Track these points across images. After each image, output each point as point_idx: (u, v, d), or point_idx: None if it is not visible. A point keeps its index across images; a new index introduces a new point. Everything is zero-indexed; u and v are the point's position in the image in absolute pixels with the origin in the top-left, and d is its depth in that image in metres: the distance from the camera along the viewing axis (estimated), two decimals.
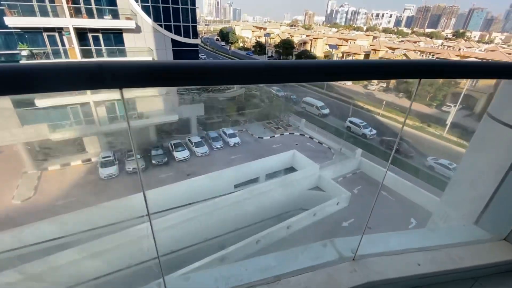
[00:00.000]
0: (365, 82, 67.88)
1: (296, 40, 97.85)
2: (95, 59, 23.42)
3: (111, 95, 25.21)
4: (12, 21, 18.98)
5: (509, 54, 70.26)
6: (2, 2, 18.85)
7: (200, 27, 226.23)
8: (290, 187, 21.75)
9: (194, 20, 26.61)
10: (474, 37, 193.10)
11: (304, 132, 35.78)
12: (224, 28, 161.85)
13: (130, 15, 23.24)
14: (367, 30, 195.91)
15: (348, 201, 21.32)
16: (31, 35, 20.86)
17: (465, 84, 46.19)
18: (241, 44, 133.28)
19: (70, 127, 25.00)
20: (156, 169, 26.05)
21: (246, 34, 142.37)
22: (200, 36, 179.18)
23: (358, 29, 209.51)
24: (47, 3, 20.27)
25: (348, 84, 66.87)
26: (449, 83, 50.73)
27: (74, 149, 27.86)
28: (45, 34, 21.33)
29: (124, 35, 23.84)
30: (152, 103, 27.62)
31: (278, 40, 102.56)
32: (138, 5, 23.38)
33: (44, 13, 20.49)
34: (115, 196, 20.11)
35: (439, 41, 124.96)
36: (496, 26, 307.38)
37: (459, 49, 79.90)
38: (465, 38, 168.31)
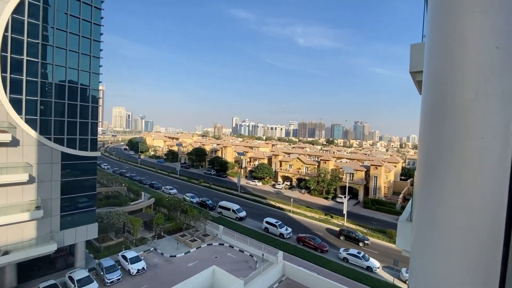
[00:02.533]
0: (273, 182, 75.27)
1: (208, 148, 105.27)
2: None
3: None
4: None
5: (365, 154, 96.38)
6: None
7: (107, 137, 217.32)
8: None
9: (94, 133, 24.91)
10: (340, 143, 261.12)
11: (223, 240, 33.13)
12: (133, 138, 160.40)
13: (7, 127, 19.73)
14: (266, 139, 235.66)
15: None
16: None
17: (346, 178, 57.54)
18: (152, 153, 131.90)
19: None
20: None
21: (158, 144, 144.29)
22: (106, 146, 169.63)
23: (259, 138, 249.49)
24: None
25: (259, 184, 72.16)
26: (335, 178, 62.22)
27: None
28: None
29: None
30: (18, 230, 20.45)
31: (190, 148, 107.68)
32: (22, 117, 20.50)
33: None
34: None
35: (319, 147, 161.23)
36: (350, 135, 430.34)
37: (334, 152, 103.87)
38: (334, 144, 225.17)
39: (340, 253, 31.91)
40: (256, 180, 73.86)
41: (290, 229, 37.53)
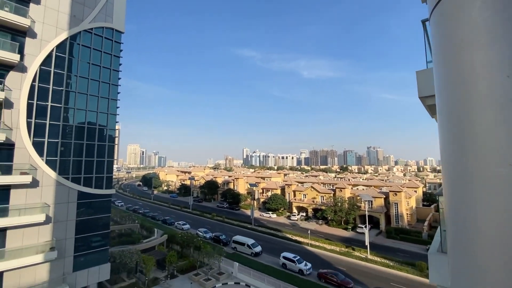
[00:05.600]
0: (287, 213, 72.75)
1: (220, 180, 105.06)
2: None
3: None
4: None
5: (381, 180, 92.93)
6: None
7: (121, 174, 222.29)
8: None
9: (110, 171, 25.65)
10: (354, 170, 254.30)
11: (239, 279, 31.24)
12: (147, 174, 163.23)
13: (28, 169, 20.70)
14: (277, 169, 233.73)
15: None
16: None
17: (365, 207, 54.90)
18: (165, 188, 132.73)
19: None
20: None
21: (170, 178, 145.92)
22: (121, 182, 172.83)
23: (270, 168, 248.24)
24: None
25: (273, 216, 69.82)
26: (353, 206, 59.50)
27: None
28: None
29: (12, 191, 19.92)
30: (31, 273, 20.18)
31: (203, 181, 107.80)
32: (43, 159, 21.56)
33: None
34: None
35: (333, 174, 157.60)
36: (364, 161, 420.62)
37: (349, 179, 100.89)
38: (349, 171, 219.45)
39: None
40: (270, 212, 71.63)
41: (309, 265, 35.14)
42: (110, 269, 25.34)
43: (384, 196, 61.51)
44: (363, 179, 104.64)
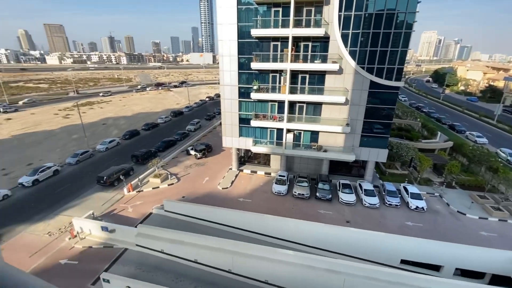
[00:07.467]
0: None
1: None
2: (298, 95, 27.67)
3: (301, 125, 28.54)
4: (254, 65, 27.02)
5: None
6: (253, 52, 27.59)
7: (409, 67, 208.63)
8: None
9: (401, 62, 24.27)
10: None
11: None
12: (440, 69, 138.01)
13: (337, 59, 25.46)
14: None
15: None
16: (262, 74, 28.59)
17: None
18: (461, 88, 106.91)
19: (265, 144, 31.08)
20: (317, 203, 26.10)
21: (472, 76, 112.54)
22: (407, 76, 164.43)
23: None
24: (278, 52, 27.13)
25: None
26: None
27: (262, 161, 34.44)
28: (271, 75, 28.44)
29: (327, 76, 26.40)
30: (333, 137, 28.19)
31: None
32: (347, 49, 25.10)
33: (275, 59, 27.47)
34: (276, 212, 22.38)
35: None
36: None
37: None
38: None
39: None
40: None
41: None
42: (387, 155, 28.26)
43: None
44: None
